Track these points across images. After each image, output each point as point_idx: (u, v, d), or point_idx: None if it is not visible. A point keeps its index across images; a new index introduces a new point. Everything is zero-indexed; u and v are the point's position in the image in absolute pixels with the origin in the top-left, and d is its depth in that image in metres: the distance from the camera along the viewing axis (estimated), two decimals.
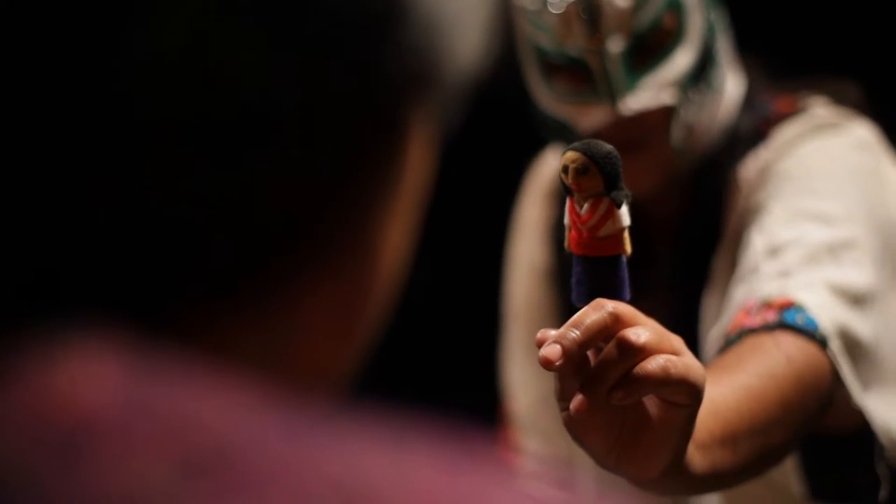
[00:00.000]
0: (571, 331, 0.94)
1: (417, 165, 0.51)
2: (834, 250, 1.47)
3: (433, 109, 0.51)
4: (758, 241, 1.49)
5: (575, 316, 0.95)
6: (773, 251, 1.47)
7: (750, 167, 1.61)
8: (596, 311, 0.94)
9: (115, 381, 0.42)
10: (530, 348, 1.77)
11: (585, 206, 0.99)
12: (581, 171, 0.98)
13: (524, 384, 1.78)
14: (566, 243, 1.00)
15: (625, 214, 0.99)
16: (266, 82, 0.45)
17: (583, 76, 1.57)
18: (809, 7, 2.40)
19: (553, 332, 0.96)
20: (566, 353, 0.94)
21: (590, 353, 0.98)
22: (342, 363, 0.50)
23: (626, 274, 1.01)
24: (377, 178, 0.49)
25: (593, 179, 0.98)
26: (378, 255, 0.50)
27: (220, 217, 0.45)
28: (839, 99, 1.65)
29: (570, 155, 0.98)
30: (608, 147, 0.98)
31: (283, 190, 0.46)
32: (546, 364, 0.94)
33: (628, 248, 1.00)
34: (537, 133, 1.70)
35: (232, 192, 0.45)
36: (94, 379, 0.41)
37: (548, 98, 1.62)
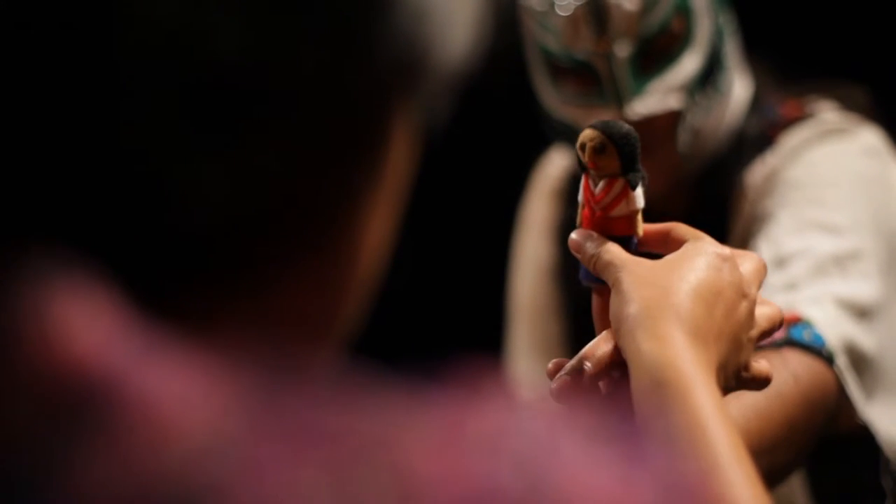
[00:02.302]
0: (583, 363, 0.94)
1: (402, 155, 0.51)
2: (841, 262, 1.46)
3: (420, 101, 0.50)
4: (765, 252, 1.49)
5: (586, 348, 0.95)
6: (781, 262, 1.47)
7: (757, 173, 1.61)
8: (607, 343, 0.94)
9: (116, 340, 0.42)
10: (536, 346, 1.78)
11: (600, 184, 0.98)
12: (598, 150, 0.97)
13: (529, 381, 1.78)
14: (578, 220, 0.99)
15: (639, 196, 0.98)
16: (256, 57, 0.45)
17: (589, 79, 1.57)
18: (818, 10, 2.39)
19: (564, 364, 0.96)
20: (577, 387, 0.94)
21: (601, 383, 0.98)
22: (336, 329, 0.50)
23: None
24: (361, 162, 0.49)
25: (610, 159, 0.97)
26: (360, 240, 0.50)
27: (205, 188, 0.45)
28: (847, 103, 1.64)
29: (588, 133, 0.97)
30: (627, 127, 0.97)
31: (266, 167, 0.46)
32: (558, 397, 0.94)
33: (641, 230, 0.99)
34: (543, 132, 1.70)
35: (218, 164, 0.45)
36: (93, 333, 0.42)
37: (554, 100, 1.61)
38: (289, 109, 0.46)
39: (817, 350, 1.36)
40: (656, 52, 1.56)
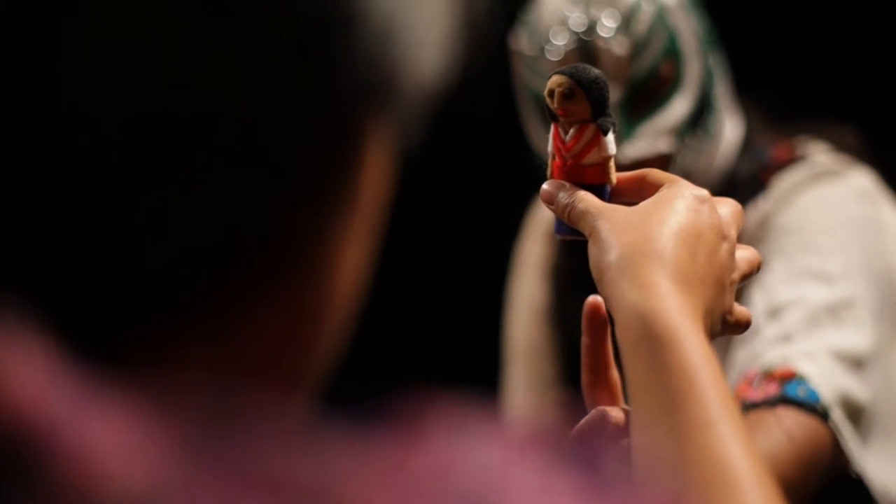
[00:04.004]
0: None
1: (375, 180, 0.49)
2: (834, 311, 1.47)
3: (392, 123, 0.48)
4: (759, 301, 1.50)
5: (578, 426, 0.93)
6: (774, 312, 1.47)
7: (750, 217, 1.61)
8: (600, 420, 0.92)
9: (51, 388, 0.40)
10: (531, 386, 1.78)
11: (570, 131, 0.94)
12: (567, 96, 0.92)
13: (525, 420, 1.79)
14: (549, 172, 0.95)
15: (611, 143, 0.93)
16: (208, 85, 0.43)
17: None
18: (808, 51, 2.40)
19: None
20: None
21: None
22: (304, 373, 0.48)
23: None
24: (330, 190, 0.47)
25: (580, 104, 0.93)
26: (336, 270, 0.48)
27: (159, 224, 0.43)
28: (837, 143, 1.65)
29: (557, 79, 0.93)
30: (596, 72, 0.93)
31: (226, 199, 0.44)
32: None
33: (613, 178, 0.95)
34: (536, 174, 1.71)
35: (172, 199, 0.43)
36: (26, 382, 0.40)
37: (545, 142, 1.62)
38: (246, 137, 0.44)
39: (812, 406, 1.37)
40: (646, 95, 1.57)
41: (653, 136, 1.56)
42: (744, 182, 1.64)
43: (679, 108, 1.58)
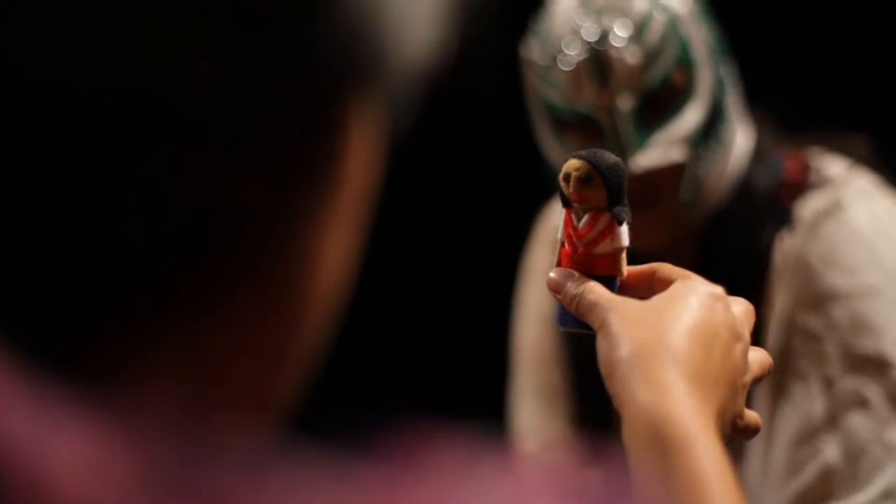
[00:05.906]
0: None
1: (360, 167, 0.45)
2: None
3: (378, 104, 0.45)
4: (817, 401, 1.54)
5: None
6: (834, 420, 1.52)
7: (779, 253, 1.62)
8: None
9: (6, 408, 0.37)
10: (539, 394, 1.78)
11: (584, 218, 0.92)
12: (584, 181, 0.90)
13: (532, 430, 1.79)
14: (556, 259, 0.93)
15: (625, 234, 0.91)
16: (172, 61, 0.39)
17: (593, 132, 1.58)
18: (818, 60, 2.41)
19: None
20: None
21: None
22: (277, 388, 0.44)
23: None
24: (310, 177, 0.43)
25: (596, 191, 0.90)
26: (315, 266, 0.44)
27: (122, 215, 0.39)
28: (850, 155, 1.66)
29: (574, 163, 0.91)
30: (614, 158, 0.91)
31: (195, 188, 0.40)
32: None
33: (625, 270, 0.92)
34: (547, 183, 1.71)
35: (134, 188, 0.39)
36: None
37: (557, 153, 1.62)
38: (217, 119, 0.40)
39: None
40: (659, 104, 1.58)
41: (666, 145, 1.57)
42: (762, 199, 1.64)
43: (692, 116, 1.58)
